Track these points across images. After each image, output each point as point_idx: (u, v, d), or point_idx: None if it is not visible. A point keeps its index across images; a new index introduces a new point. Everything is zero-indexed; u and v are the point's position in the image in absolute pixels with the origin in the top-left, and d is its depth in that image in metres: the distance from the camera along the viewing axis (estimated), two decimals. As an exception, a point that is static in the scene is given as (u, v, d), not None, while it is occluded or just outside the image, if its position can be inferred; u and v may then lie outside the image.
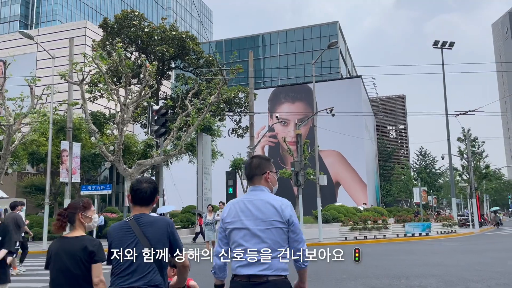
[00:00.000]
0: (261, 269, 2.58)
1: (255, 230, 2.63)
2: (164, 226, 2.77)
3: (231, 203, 2.85)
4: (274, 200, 2.72)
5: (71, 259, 2.89)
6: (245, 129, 27.97)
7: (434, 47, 28.66)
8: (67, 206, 3.13)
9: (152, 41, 23.20)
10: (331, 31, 66.71)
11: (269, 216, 2.64)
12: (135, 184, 2.87)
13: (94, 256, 2.90)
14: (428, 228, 23.12)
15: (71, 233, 3.04)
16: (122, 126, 17.71)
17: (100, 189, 18.72)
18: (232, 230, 2.70)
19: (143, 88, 17.68)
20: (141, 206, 2.84)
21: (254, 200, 2.72)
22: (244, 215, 2.69)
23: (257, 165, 2.82)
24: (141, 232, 2.71)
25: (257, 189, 2.78)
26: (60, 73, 17.62)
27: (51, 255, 2.98)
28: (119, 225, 2.82)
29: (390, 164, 72.27)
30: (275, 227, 2.63)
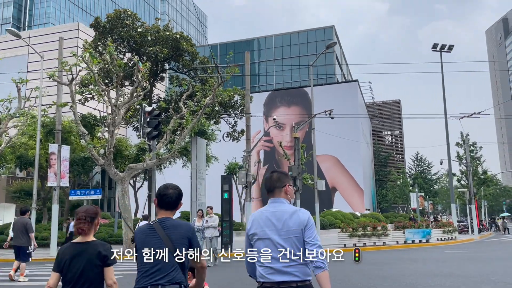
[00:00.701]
0: (290, 276, 2.77)
1: (278, 239, 2.81)
2: (186, 229, 2.97)
3: (254, 215, 3.00)
4: (294, 210, 2.89)
5: (87, 263, 3.06)
6: (240, 132, 27.30)
7: (433, 50, 28.23)
8: (86, 210, 3.25)
9: (145, 41, 22.50)
10: (326, 36, 66.35)
11: (291, 226, 2.82)
12: (162, 190, 3.05)
13: (107, 260, 3.10)
14: (428, 235, 22.54)
15: (83, 238, 3.18)
16: (113, 128, 16.97)
17: (90, 194, 17.93)
18: (257, 241, 2.89)
19: (135, 89, 16.98)
20: (167, 210, 3.02)
21: (275, 211, 2.91)
22: (266, 226, 2.87)
23: (277, 178, 3.02)
24: (165, 234, 2.89)
25: (277, 201, 2.97)
26: (49, 74, 16.88)
27: (65, 259, 3.09)
28: (144, 228, 3.01)
29: (386, 169, 71.84)
30: (296, 236, 2.81)
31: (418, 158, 75.84)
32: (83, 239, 3.19)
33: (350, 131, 45.89)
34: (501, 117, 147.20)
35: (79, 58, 15.62)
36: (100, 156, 18.36)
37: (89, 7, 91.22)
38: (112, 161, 17.68)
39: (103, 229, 24.62)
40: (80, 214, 3.22)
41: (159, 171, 34.88)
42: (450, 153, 27.83)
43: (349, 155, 46.47)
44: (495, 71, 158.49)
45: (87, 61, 15.98)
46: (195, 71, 25.40)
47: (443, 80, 28.16)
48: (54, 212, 18.28)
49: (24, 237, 10.08)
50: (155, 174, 19.27)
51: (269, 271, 2.81)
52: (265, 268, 2.82)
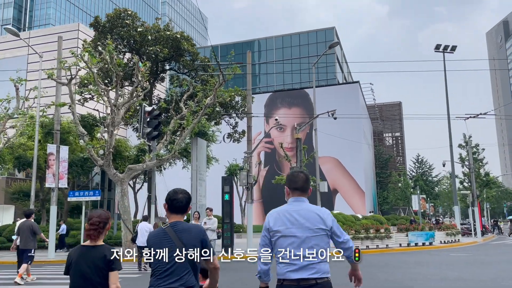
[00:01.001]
0: (310, 273, 2.85)
1: (303, 237, 2.91)
2: (198, 233, 3.04)
3: (275, 212, 3.09)
4: (316, 209, 3.02)
5: (91, 267, 3.08)
6: (241, 133, 27.01)
7: (436, 51, 27.99)
8: (99, 215, 3.28)
9: (146, 41, 22.23)
10: (327, 37, 66.14)
11: (315, 224, 2.93)
12: (172, 195, 3.11)
13: (112, 265, 3.12)
14: (431, 238, 22.24)
15: (91, 242, 3.22)
16: (113, 129, 16.70)
17: (89, 195, 17.64)
18: (280, 238, 2.96)
19: (135, 89, 16.71)
20: (177, 214, 3.08)
21: (300, 210, 3.01)
22: (291, 224, 2.95)
23: (307, 179, 3.14)
24: (177, 238, 2.95)
25: (300, 200, 3.07)
26: (47, 73, 16.62)
27: (72, 261, 3.15)
28: (157, 232, 3.08)
29: (387, 171, 71.54)
30: (320, 234, 2.92)
31: (419, 160, 75.55)
32: (91, 243, 3.23)
33: (351, 133, 45.61)
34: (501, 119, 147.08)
35: (78, 57, 15.35)
36: (99, 156, 18.09)
37: (90, 8, 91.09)
38: (112, 162, 17.41)
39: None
40: (94, 220, 3.25)
41: (159, 172, 34.59)
42: (453, 155, 27.52)
43: (351, 157, 46.18)
44: (495, 69, 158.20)
45: (86, 61, 15.72)
46: (195, 71, 25.12)
47: (446, 81, 27.90)
48: (53, 214, 17.99)
49: (30, 240, 10.13)
50: (155, 175, 19.00)
51: (291, 268, 2.88)
52: (287, 265, 2.89)
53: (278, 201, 45.09)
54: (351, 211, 42.02)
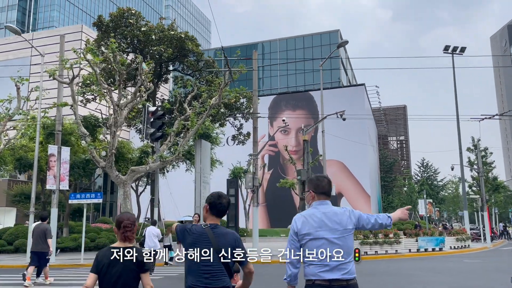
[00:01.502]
0: (342, 273, 2.95)
1: (332, 239, 2.99)
2: (233, 239, 3.12)
3: (302, 216, 3.14)
4: (341, 210, 3.11)
5: (124, 268, 3.16)
6: (246, 135, 26.52)
7: (444, 52, 27.49)
8: (129, 218, 3.33)
9: (150, 40, 21.81)
10: (332, 40, 65.70)
11: (342, 225, 3.02)
12: (216, 198, 3.21)
13: (144, 266, 3.21)
14: (441, 243, 21.69)
15: (120, 244, 3.28)
16: (115, 129, 16.22)
17: (90, 197, 17.17)
18: (309, 241, 3.04)
19: (138, 88, 16.25)
20: (217, 217, 3.19)
21: (326, 212, 3.08)
22: (319, 226, 3.03)
23: (329, 183, 3.25)
24: (215, 241, 3.04)
25: (325, 203, 3.15)
26: (48, 71, 16.19)
27: (104, 263, 3.19)
28: (196, 229, 3.13)
29: (392, 175, 70.88)
30: (348, 234, 3.03)
31: (424, 164, 74.87)
32: (120, 244, 3.27)
33: (357, 136, 45.06)
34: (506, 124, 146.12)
35: (80, 55, 14.92)
36: (102, 158, 17.62)
37: (94, 11, 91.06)
38: (114, 164, 16.93)
39: (104, 234, 23.85)
40: (126, 222, 3.31)
41: (162, 175, 34.09)
42: (463, 158, 26.94)
43: (356, 160, 45.59)
44: (501, 66, 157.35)
45: (88, 59, 15.29)
46: (200, 72, 24.68)
47: (455, 83, 27.36)
48: (53, 216, 17.51)
49: (44, 243, 10.23)
50: (158, 177, 18.52)
51: (322, 269, 2.97)
52: (319, 266, 2.98)
53: (282, 204, 44.34)
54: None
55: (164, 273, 12.81)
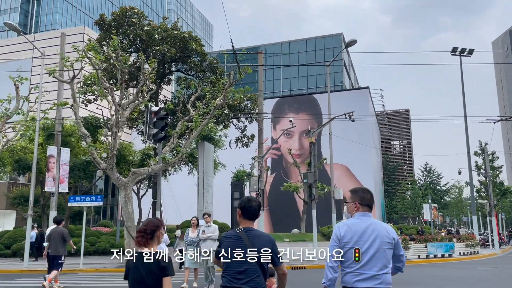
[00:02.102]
0: (377, 283, 3.11)
1: (371, 250, 3.15)
2: (268, 240, 3.28)
3: (346, 225, 3.30)
4: (384, 225, 3.33)
5: (147, 272, 3.26)
6: (250, 137, 25.98)
7: (452, 54, 27.05)
8: (147, 223, 3.45)
9: (153, 40, 21.34)
10: (335, 43, 65.33)
11: (383, 238, 3.19)
12: (246, 202, 3.42)
13: (166, 271, 3.27)
14: (451, 249, 21.10)
15: (143, 248, 3.38)
16: (117, 130, 15.73)
17: (90, 200, 16.64)
18: (349, 249, 3.19)
19: (140, 88, 15.76)
20: (249, 220, 3.38)
21: (369, 224, 3.26)
22: (360, 237, 3.18)
23: (371, 196, 3.46)
24: (250, 243, 3.21)
25: (367, 215, 3.36)
26: (48, 69, 15.72)
27: (129, 267, 3.33)
28: (231, 234, 3.34)
29: (395, 180, 70.27)
30: (386, 247, 3.20)
31: (427, 169, 74.20)
32: (143, 249, 3.36)
33: (361, 140, 44.50)
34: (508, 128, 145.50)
35: (81, 53, 14.44)
36: (102, 159, 17.12)
37: (96, 13, 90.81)
38: (115, 166, 16.42)
39: (105, 238, 23.28)
40: (141, 228, 3.43)
41: (163, 178, 33.58)
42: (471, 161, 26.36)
43: (360, 164, 45.01)
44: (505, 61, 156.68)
45: (89, 57, 14.82)
46: (203, 72, 24.19)
47: (462, 85, 26.86)
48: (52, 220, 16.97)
49: (61, 247, 10.32)
50: (160, 180, 17.99)
51: (359, 277, 3.10)
52: (356, 275, 3.12)
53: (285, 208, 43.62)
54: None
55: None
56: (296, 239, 30.35)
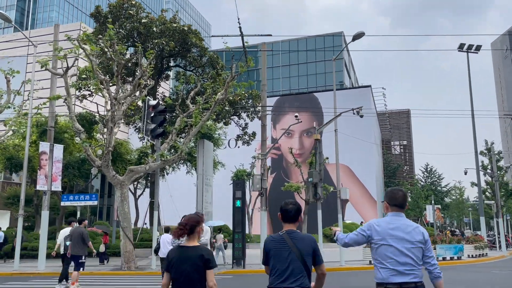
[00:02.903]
0: (411, 278, 3.27)
1: (403, 248, 3.32)
2: (310, 242, 3.45)
3: (377, 224, 3.47)
4: (414, 225, 3.47)
5: (191, 265, 3.44)
6: (251, 135, 25.13)
7: (459, 50, 26.27)
8: (188, 219, 3.67)
9: (151, 33, 20.47)
10: (335, 42, 64.58)
11: (414, 237, 3.35)
12: (284, 206, 3.57)
13: (209, 263, 3.46)
14: (460, 251, 20.31)
15: (188, 243, 3.58)
16: (112, 125, 14.89)
17: (84, 199, 15.78)
18: (381, 246, 3.37)
19: (138, 81, 14.92)
20: (290, 223, 3.52)
21: (400, 224, 3.42)
22: (391, 236, 3.36)
23: (404, 196, 3.55)
24: (294, 245, 3.38)
25: (399, 215, 3.48)
26: (40, 61, 14.87)
27: (173, 260, 3.49)
28: (275, 237, 3.51)
29: (395, 180, 69.52)
30: (418, 246, 3.35)
31: (428, 170, 73.53)
32: (188, 244, 3.56)
33: (362, 140, 43.70)
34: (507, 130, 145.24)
35: (75, 43, 13.59)
36: (97, 157, 16.26)
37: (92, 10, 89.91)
38: (111, 163, 15.57)
39: (100, 240, 22.38)
40: (181, 222, 3.66)
41: (161, 177, 32.70)
42: (478, 160, 25.58)
43: (362, 164, 44.20)
44: (500, 81, 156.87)
45: (83, 47, 13.97)
46: (203, 68, 23.34)
47: (470, 82, 26.12)
48: (44, 220, 16.11)
49: (81, 247, 10.30)
50: (158, 178, 17.14)
51: (393, 273, 3.29)
52: (390, 271, 3.31)
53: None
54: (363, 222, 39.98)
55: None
56: (297, 240, 29.45)
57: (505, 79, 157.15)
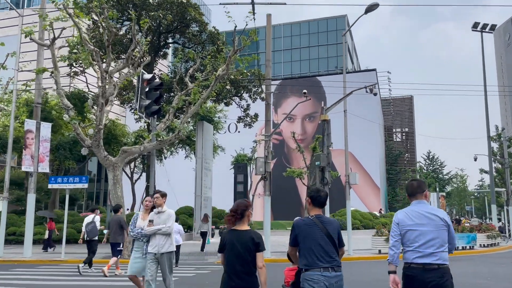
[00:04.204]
0: (434, 259, 3.56)
1: (427, 231, 3.65)
2: (337, 225, 3.87)
3: (404, 211, 3.84)
4: (437, 210, 3.82)
5: (244, 248, 3.73)
6: (253, 117, 23.88)
7: (473, 30, 24.98)
8: (238, 204, 3.92)
9: (147, 5, 19.09)
10: (338, 25, 62.90)
11: (437, 221, 3.69)
12: (315, 192, 3.93)
13: (259, 246, 3.76)
14: (473, 241, 19.28)
15: (240, 227, 3.84)
16: (103, 101, 13.63)
17: (74, 182, 14.60)
18: (408, 231, 3.72)
19: (131, 52, 13.60)
20: (319, 208, 3.89)
21: (424, 210, 3.76)
22: (418, 220, 3.71)
23: (417, 186, 3.90)
24: (324, 227, 3.72)
25: (422, 202, 3.83)
26: (24, 30, 13.54)
27: (227, 243, 3.80)
28: (307, 221, 3.82)
29: (396, 168, 68.47)
30: (441, 229, 3.67)
31: (430, 157, 72.47)
32: (239, 228, 3.83)
33: (366, 125, 42.47)
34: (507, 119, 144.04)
35: (60, 6, 12.25)
36: (88, 136, 15.03)
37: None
38: (102, 143, 14.34)
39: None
40: (232, 208, 3.92)
41: (159, 161, 31.54)
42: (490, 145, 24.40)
43: (365, 151, 42.99)
44: (502, 70, 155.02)
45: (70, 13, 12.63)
46: (203, 45, 21.97)
47: (483, 62, 24.82)
48: (30, 203, 14.96)
49: (119, 234, 10.52)
50: (154, 160, 15.94)
51: (418, 254, 3.60)
52: (415, 253, 3.62)
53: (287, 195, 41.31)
54: (365, 209, 38.98)
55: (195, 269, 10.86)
56: (299, 227, 28.46)
57: (507, 66, 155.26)
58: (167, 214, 6.33)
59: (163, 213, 6.32)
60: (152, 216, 6.39)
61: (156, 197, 6.34)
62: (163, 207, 6.35)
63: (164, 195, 6.43)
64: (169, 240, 6.27)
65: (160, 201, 6.31)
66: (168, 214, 6.33)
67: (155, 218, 6.32)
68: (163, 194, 6.40)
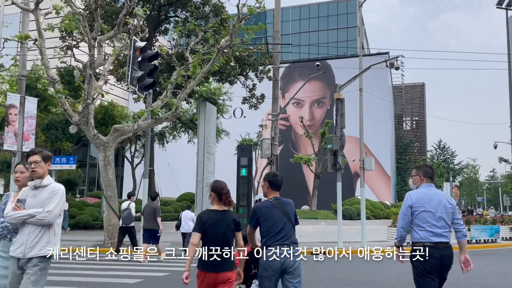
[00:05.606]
0: (444, 238, 4.06)
1: (437, 213, 4.12)
2: (292, 206, 4.33)
3: (415, 194, 4.26)
4: (445, 194, 4.46)
5: (226, 227, 3.89)
6: (260, 98, 22.36)
7: (498, 7, 23.16)
8: (224, 186, 4.06)
9: (145, -27, 17.57)
10: (349, 9, 60.71)
11: (446, 203, 4.18)
12: (272, 176, 4.40)
13: (239, 226, 4.00)
14: (496, 233, 17.81)
15: (218, 207, 3.98)
16: (91, 72, 12.17)
17: (61, 162, 13.25)
18: (421, 212, 4.14)
19: (123, 17, 12.09)
20: (276, 191, 4.31)
21: (434, 193, 4.24)
22: (429, 203, 4.16)
23: (433, 170, 4.45)
24: (283, 208, 4.15)
25: (431, 185, 4.31)
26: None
27: (209, 223, 3.84)
28: (266, 204, 4.24)
29: (406, 157, 66.77)
30: (449, 211, 4.16)
31: (440, 146, 70.63)
32: (220, 208, 3.97)
33: (378, 112, 40.76)
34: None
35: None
36: (76, 113, 13.63)
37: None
38: (92, 119, 12.94)
39: (88, 211, 20.01)
40: (226, 190, 4.03)
41: (161, 146, 30.22)
42: None
43: (376, 138, 41.30)
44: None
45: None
46: (206, 19, 20.39)
47: (508, 40, 23.05)
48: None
49: (153, 221, 10.79)
50: (149, 140, 14.52)
51: (430, 234, 4.06)
52: (428, 232, 4.07)
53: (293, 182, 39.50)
54: (375, 198, 37.50)
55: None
56: (307, 216, 27.12)
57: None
58: (50, 190, 3.73)
59: (44, 189, 3.73)
60: (24, 193, 3.76)
61: (33, 162, 3.70)
62: (43, 180, 3.75)
63: (47, 157, 3.80)
64: (46, 236, 3.65)
65: (40, 168, 3.71)
66: (51, 191, 3.73)
67: (30, 197, 3.71)
68: (45, 156, 3.76)
